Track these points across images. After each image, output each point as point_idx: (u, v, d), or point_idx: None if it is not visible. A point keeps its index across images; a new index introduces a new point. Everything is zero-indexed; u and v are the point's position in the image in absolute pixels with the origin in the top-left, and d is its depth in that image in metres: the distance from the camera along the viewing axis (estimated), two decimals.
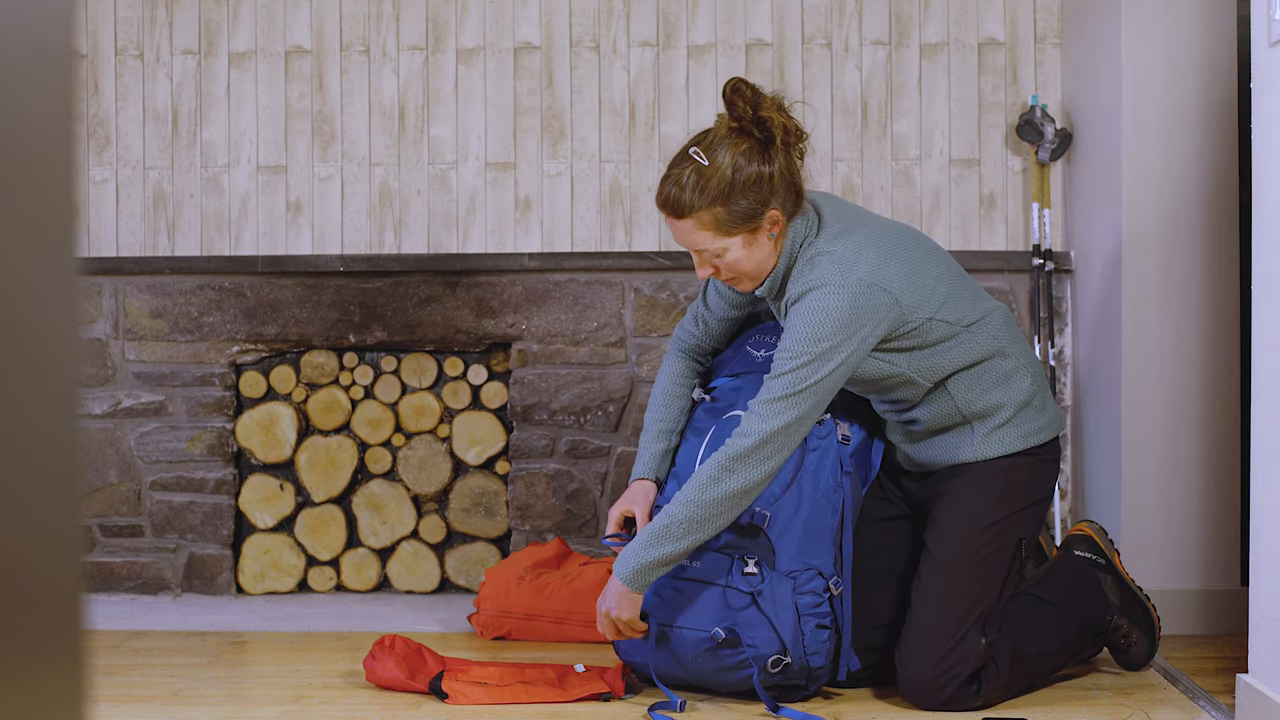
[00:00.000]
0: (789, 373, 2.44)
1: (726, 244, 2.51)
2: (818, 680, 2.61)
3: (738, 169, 2.47)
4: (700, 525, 2.48)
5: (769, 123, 2.48)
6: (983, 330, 2.60)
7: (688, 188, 2.48)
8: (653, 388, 2.91)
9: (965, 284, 2.64)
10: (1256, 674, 2.40)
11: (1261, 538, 2.39)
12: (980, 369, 2.61)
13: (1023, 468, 2.66)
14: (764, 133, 2.49)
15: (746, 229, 2.50)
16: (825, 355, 2.43)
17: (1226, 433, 3.18)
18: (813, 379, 2.43)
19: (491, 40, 3.69)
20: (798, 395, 2.43)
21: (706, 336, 2.84)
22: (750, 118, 2.49)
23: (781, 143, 2.49)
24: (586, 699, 2.63)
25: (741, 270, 2.54)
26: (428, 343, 3.67)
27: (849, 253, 2.49)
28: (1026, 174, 3.64)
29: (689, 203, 2.48)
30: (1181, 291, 3.18)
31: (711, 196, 2.47)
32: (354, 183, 3.71)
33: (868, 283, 2.46)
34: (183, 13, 3.71)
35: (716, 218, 2.48)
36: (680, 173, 2.49)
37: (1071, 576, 2.81)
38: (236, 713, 2.60)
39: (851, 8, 3.65)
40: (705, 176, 2.47)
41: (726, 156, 2.48)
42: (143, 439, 3.69)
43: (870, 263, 2.48)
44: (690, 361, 2.87)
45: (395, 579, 3.73)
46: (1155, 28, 3.17)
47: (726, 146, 2.49)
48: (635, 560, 2.51)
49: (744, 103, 2.49)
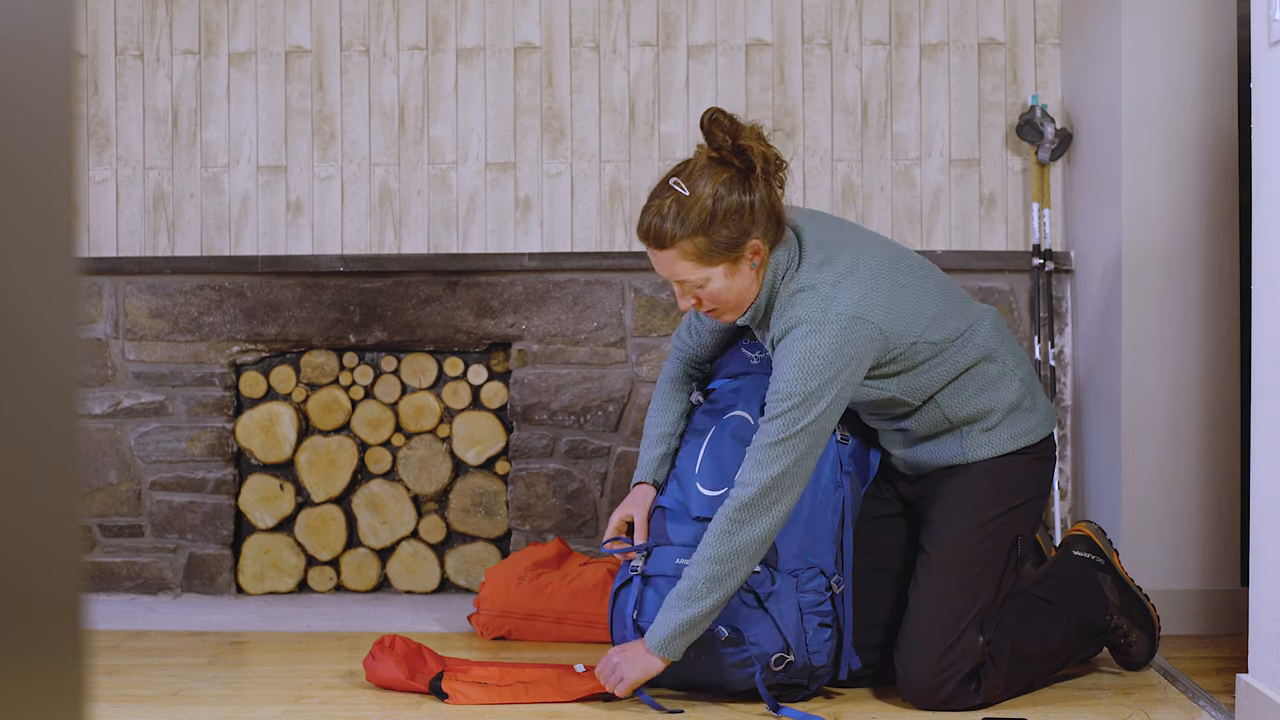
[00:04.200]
0: (782, 415, 2.43)
1: (708, 274, 2.49)
2: (820, 679, 2.61)
3: (718, 198, 2.45)
4: (720, 581, 2.45)
5: (748, 151, 2.47)
6: (970, 341, 2.60)
7: (669, 218, 2.46)
8: (654, 391, 2.92)
9: (950, 298, 2.62)
10: (1256, 674, 2.40)
11: (1261, 538, 2.39)
12: (966, 377, 2.61)
13: (1016, 466, 2.66)
14: (744, 162, 2.47)
15: (728, 259, 2.48)
16: (816, 394, 2.42)
17: (1226, 433, 3.18)
18: (806, 420, 2.42)
19: (491, 40, 3.69)
20: (793, 439, 2.43)
21: (699, 345, 2.85)
22: (730, 147, 2.47)
23: (762, 172, 2.47)
24: (586, 699, 2.63)
25: (723, 301, 2.53)
26: (428, 343, 3.67)
27: (830, 286, 2.47)
28: (1026, 174, 3.64)
29: (670, 233, 2.46)
30: (1181, 291, 3.18)
31: (693, 226, 2.45)
32: (354, 183, 3.71)
33: (850, 315, 2.45)
34: (183, 13, 3.72)
35: (698, 248, 2.46)
36: (661, 203, 2.48)
37: (1071, 576, 2.82)
38: (236, 713, 2.60)
39: (851, 8, 3.65)
40: (686, 206, 2.45)
41: (707, 186, 2.46)
42: (143, 439, 3.69)
43: (852, 295, 2.47)
44: (687, 366, 2.88)
45: (395, 579, 3.73)
46: (1155, 28, 3.17)
47: (707, 176, 2.47)
48: (663, 629, 2.48)
49: (722, 132, 2.47)
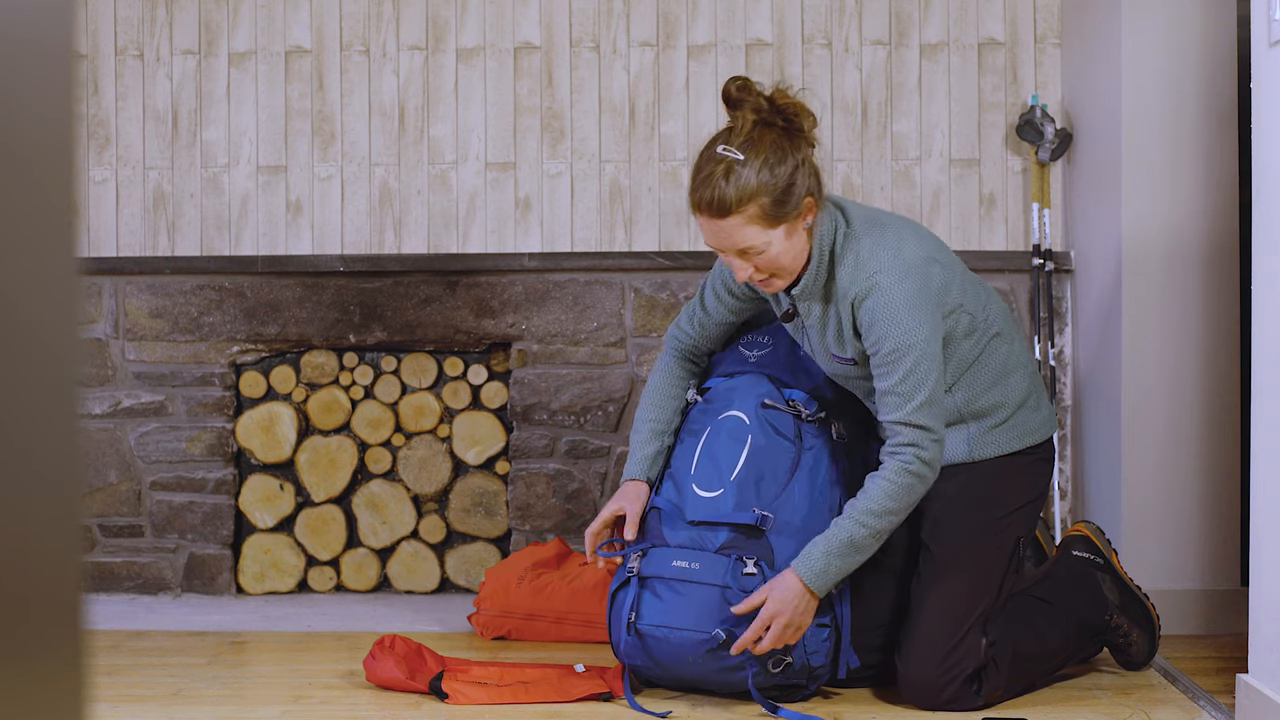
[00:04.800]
0: (910, 374, 2.44)
1: (770, 237, 2.46)
2: (818, 679, 2.61)
3: (772, 160, 2.44)
4: (886, 533, 2.50)
5: (789, 110, 2.47)
6: (989, 315, 2.63)
7: (731, 184, 2.42)
8: (645, 387, 2.87)
9: (969, 273, 2.68)
10: (1256, 674, 2.40)
11: (1261, 538, 2.39)
12: (979, 365, 2.61)
13: (1018, 467, 2.66)
14: (786, 121, 2.47)
15: (789, 219, 2.46)
16: (929, 338, 2.45)
17: (1226, 433, 3.18)
18: (927, 364, 2.45)
19: (491, 40, 3.69)
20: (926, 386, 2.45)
21: (703, 338, 2.82)
22: (770, 108, 2.47)
23: (803, 129, 2.49)
24: (586, 699, 2.63)
25: (782, 265, 2.50)
26: (428, 343, 3.67)
27: (893, 238, 2.51)
28: (1026, 174, 3.64)
29: (734, 198, 2.42)
30: (1181, 291, 3.18)
31: (754, 189, 2.42)
32: (354, 183, 3.71)
33: (925, 258, 2.49)
34: (183, 13, 3.71)
35: (762, 210, 2.43)
36: (713, 172, 2.44)
37: (1070, 576, 2.81)
38: (236, 713, 2.60)
39: (851, 8, 3.65)
40: (743, 170, 2.43)
41: (758, 149, 2.44)
42: (143, 439, 3.69)
43: (915, 244, 2.51)
44: (685, 362, 2.85)
45: (395, 579, 3.73)
46: (1155, 28, 3.17)
47: (755, 139, 2.45)
48: (828, 576, 2.49)
49: (756, 96, 2.47)
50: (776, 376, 2.74)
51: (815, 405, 2.71)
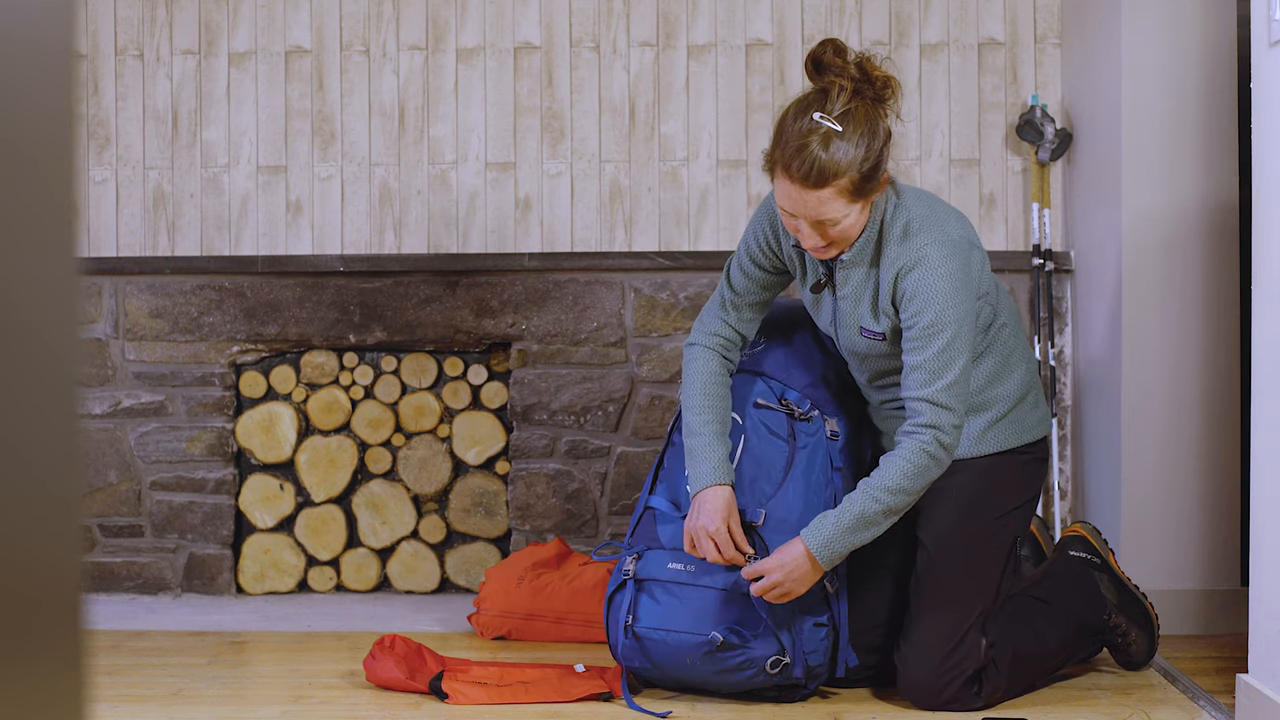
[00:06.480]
0: (937, 354, 2.42)
1: (851, 210, 2.41)
2: (817, 679, 2.61)
3: (867, 135, 2.37)
4: (899, 510, 2.48)
5: (879, 82, 2.40)
6: (1000, 314, 2.62)
7: (830, 156, 2.34)
8: (685, 388, 2.69)
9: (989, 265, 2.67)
10: (1256, 674, 2.40)
11: (1261, 538, 2.39)
12: (984, 357, 2.60)
13: (1014, 466, 2.66)
14: (874, 91, 2.40)
15: (871, 193, 2.43)
16: (965, 316, 2.43)
17: (1226, 433, 3.18)
18: (957, 344, 2.42)
19: (491, 40, 3.69)
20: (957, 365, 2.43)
21: (740, 322, 2.70)
22: (861, 77, 2.39)
23: (889, 101, 2.42)
24: (586, 699, 2.63)
25: (850, 237, 2.45)
26: (428, 343, 3.67)
27: (941, 214, 2.49)
28: (1026, 174, 3.64)
29: (833, 170, 2.35)
30: (1181, 291, 3.18)
31: (848, 164, 2.36)
32: (354, 183, 3.71)
33: (969, 241, 2.48)
34: (183, 13, 3.71)
35: (852, 183, 2.37)
36: (809, 141, 2.35)
37: (1068, 577, 2.81)
38: (236, 713, 2.60)
39: (852, 8, 3.65)
40: (842, 144, 2.36)
41: (855, 121, 2.37)
42: (143, 439, 3.69)
43: (957, 222, 2.49)
44: (721, 357, 2.71)
45: (395, 579, 3.73)
46: (1155, 28, 3.17)
47: (852, 111, 2.37)
48: (835, 547, 2.46)
49: (847, 61, 2.39)
50: (770, 376, 2.73)
51: (809, 404, 2.70)
